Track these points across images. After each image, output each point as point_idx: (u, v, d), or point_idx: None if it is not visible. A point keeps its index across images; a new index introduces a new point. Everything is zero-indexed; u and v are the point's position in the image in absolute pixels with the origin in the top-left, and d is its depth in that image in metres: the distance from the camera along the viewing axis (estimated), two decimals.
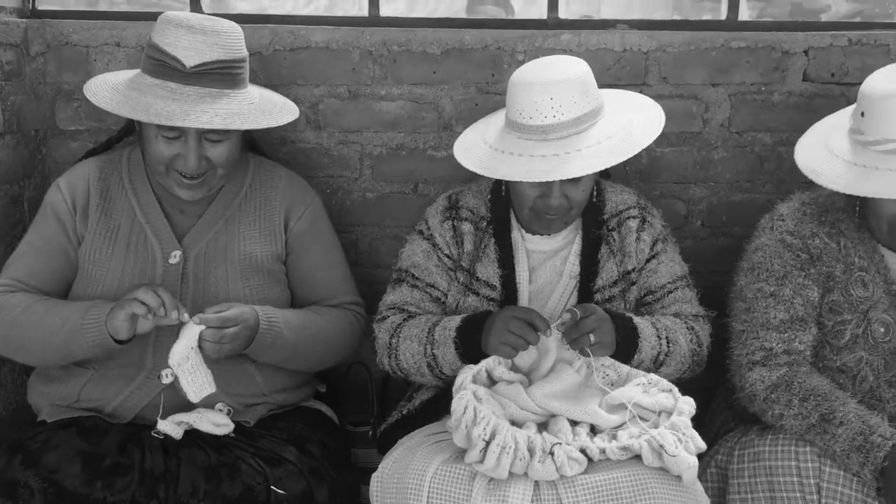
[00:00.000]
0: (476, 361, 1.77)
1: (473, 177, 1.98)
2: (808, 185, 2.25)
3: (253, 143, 2.12)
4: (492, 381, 1.78)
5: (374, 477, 1.74)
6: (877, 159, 1.67)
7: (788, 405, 1.71)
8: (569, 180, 1.79)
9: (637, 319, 1.83)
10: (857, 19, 2.53)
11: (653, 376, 1.76)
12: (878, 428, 1.61)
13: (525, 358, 1.80)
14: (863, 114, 1.69)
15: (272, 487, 1.69)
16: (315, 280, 2.02)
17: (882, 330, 1.77)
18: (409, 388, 2.09)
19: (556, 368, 1.79)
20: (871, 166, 1.67)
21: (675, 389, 1.72)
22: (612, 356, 1.78)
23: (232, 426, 1.81)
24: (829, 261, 1.81)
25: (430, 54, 2.21)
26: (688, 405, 1.68)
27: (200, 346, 1.73)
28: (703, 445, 1.62)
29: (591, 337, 1.71)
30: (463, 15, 2.66)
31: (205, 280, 1.90)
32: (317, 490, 1.74)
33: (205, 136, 1.81)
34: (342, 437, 2.08)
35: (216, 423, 1.80)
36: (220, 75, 1.81)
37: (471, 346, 1.79)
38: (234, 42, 1.84)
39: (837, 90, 2.21)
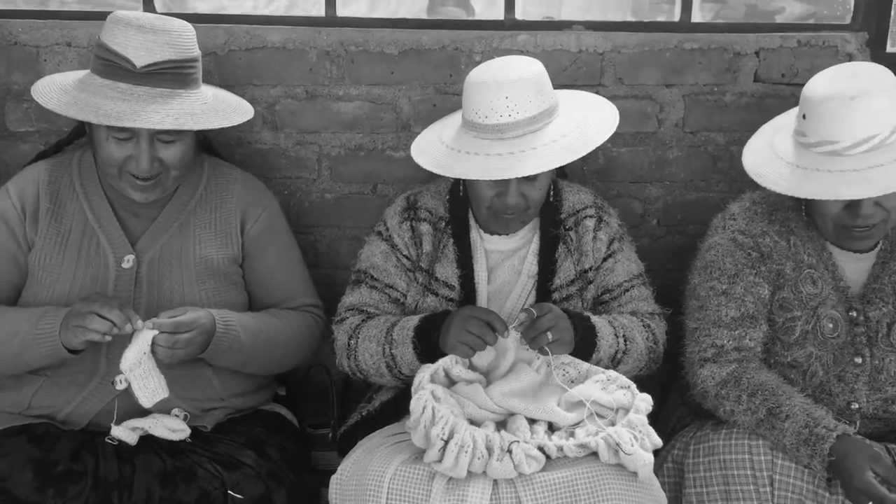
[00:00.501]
0: (434, 361, 1.78)
1: (432, 177, 1.99)
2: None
3: (208, 145, 2.10)
4: (451, 381, 1.79)
5: (334, 479, 1.73)
6: (817, 161, 1.70)
7: (738, 401, 1.74)
8: (525, 179, 1.80)
9: (595, 318, 1.85)
10: (812, 21, 2.59)
11: (611, 373, 1.78)
12: (823, 420, 1.65)
13: (483, 358, 1.81)
14: (804, 116, 1.73)
15: (230, 492, 1.68)
16: (272, 282, 2.01)
17: (830, 326, 1.81)
18: (369, 389, 2.08)
19: (514, 368, 1.80)
20: (812, 168, 1.71)
21: (634, 386, 1.75)
22: (570, 354, 1.80)
23: (188, 431, 1.79)
24: (780, 259, 1.85)
25: (387, 55, 2.21)
26: (644, 402, 1.70)
27: (154, 351, 1.71)
28: (658, 442, 1.64)
29: (549, 335, 1.72)
30: (424, 16, 2.66)
31: (159, 284, 1.88)
32: (275, 494, 1.73)
33: (157, 136, 1.79)
34: (302, 440, 2.07)
35: (172, 428, 1.78)
36: (171, 75, 1.79)
37: (429, 345, 1.79)
38: (185, 41, 1.81)
39: (788, 91, 2.25)
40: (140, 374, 1.69)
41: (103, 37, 1.80)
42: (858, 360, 1.80)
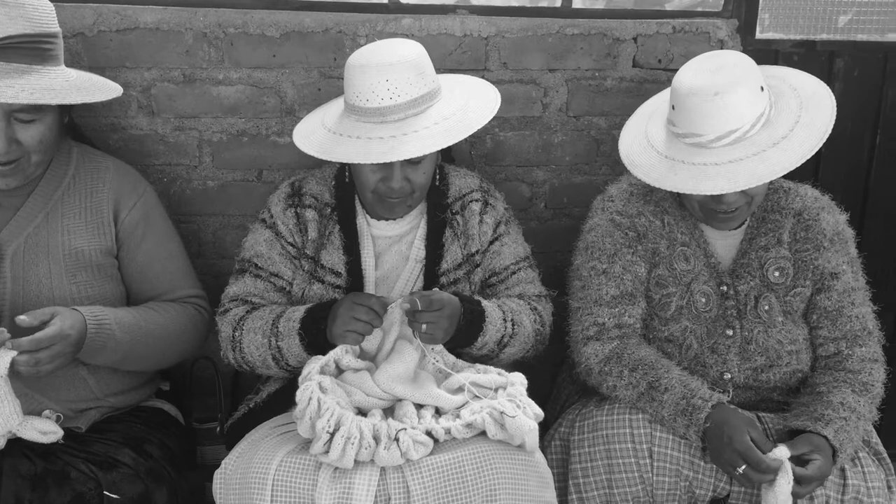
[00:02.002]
0: (321, 351, 1.75)
1: (319, 163, 1.96)
2: None
3: (77, 131, 1.99)
4: (339, 370, 1.77)
5: (217, 473, 1.69)
6: (685, 152, 1.77)
7: (620, 376, 1.80)
8: (410, 163, 1.79)
9: (485, 303, 1.86)
10: (699, 8, 2.66)
11: (479, 366, 1.81)
12: (699, 391, 1.72)
13: (371, 341, 1.79)
14: (673, 107, 1.79)
15: (105, 493, 1.61)
16: (151, 274, 1.93)
17: (703, 300, 1.89)
18: (258, 380, 2.04)
19: (397, 347, 1.80)
20: (679, 160, 1.76)
21: (503, 371, 1.78)
22: (456, 338, 1.80)
23: (61, 433, 1.70)
24: (655, 238, 1.91)
25: (268, 37, 2.15)
26: (519, 378, 1.73)
27: (16, 371, 1.59)
28: (540, 412, 1.67)
29: (423, 327, 1.73)
30: None
31: (24, 279, 1.77)
32: (155, 492, 1.67)
33: (14, 115, 1.67)
34: (186, 436, 2.01)
35: (42, 430, 1.68)
36: (27, 49, 1.67)
37: (315, 336, 1.76)
38: (41, 16, 1.70)
39: (664, 76, 2.32)
40: None
41: None
42: (729, 332, 1.88)
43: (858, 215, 2.60)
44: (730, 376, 1.88)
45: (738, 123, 1.71)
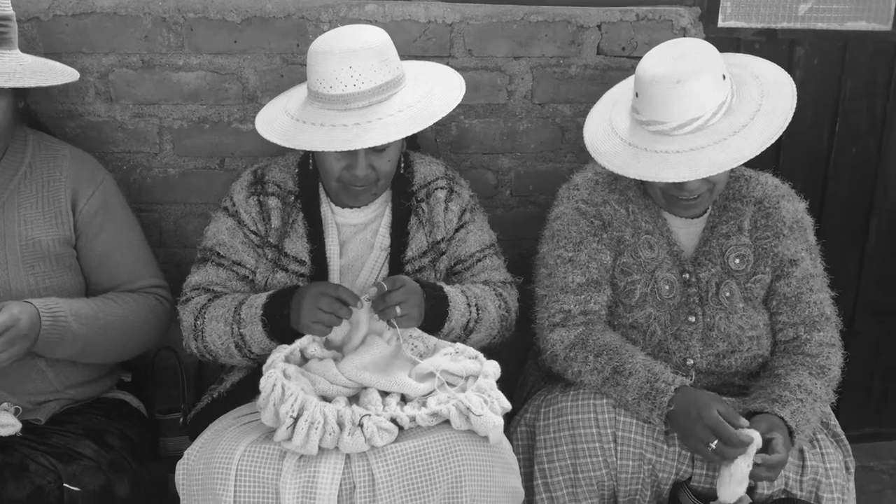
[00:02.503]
0: (284, 338, 1.74)
1: (283, 151, 1.93)
2: None
3: (33, 118, 1.94)
4: (304, 359, 1.76)
5: (180, 464, 1.67)
6: (648, 139, 1.78)
7: (585, 362, 1.81)
8: (374, 151, 1.78)
9: (447, 288, 1.86)
10: None
11: (459, 345, 1.80)
12: (662, 375, 1.74)
13: (338, 333, 1.78)
14: (637, 94, 1.80)
15: (65, 485, 1.58)
16: (110, 263, 1.89)
17: (667, 287, 1.91)
18: (222, 370, 2.02)
19: (367, 341, 1.79)
20: (642, 147, 1.78)
21: (481, 356, 1.77)
22: (422, 325, 1.80)
23: (19, 426, 1.68)
24: (619, 226, 1.93)
25: (229, 22, 2.12)
26: (493, 368, 1.73)
27: None
28: (507, 405, 1.68)
29: (398, 309, 1.72)
30: None
31: None
32: (117, 484, 1.65)
33: None
34: (149, 427, 1.98)
35: (0, 423, 1.65)
36: None
37: (278, 323, 1.75)
38: None
39: (629, 63, 2.33)
40: None
41: None
42: (692, 318, 1.90)
43: (818, 203, 2.64)
44: (692, 362, 1.90)
45: (700, 111, 1.72)
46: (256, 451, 1.58)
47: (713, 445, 1.65)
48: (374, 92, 1.74)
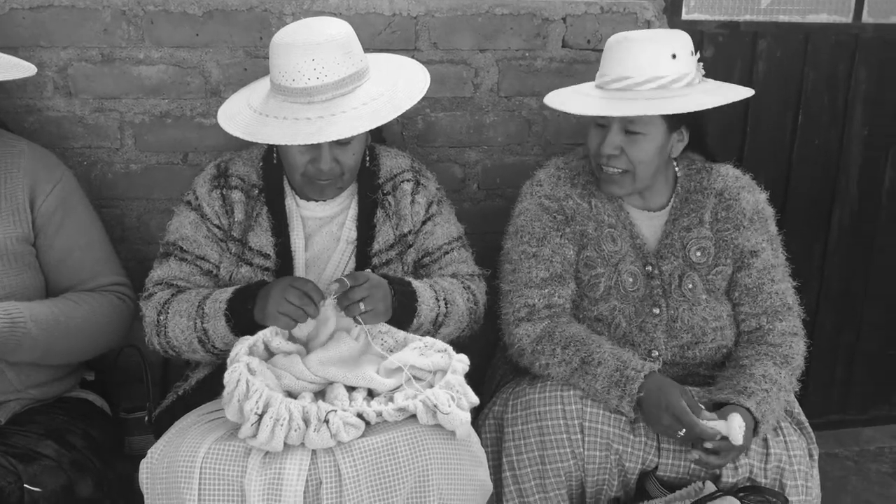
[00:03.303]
0: (249, 334, 1.72)
1: (247, 145, 1.92)
2: (571, 146, 2.40)
3: None
4: (269, 353, 1.74)
5: (144, 463, 1.64)
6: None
7: (553, 354, 1.81)
8: (339, 144, 1.77)
9: (416, 283, 1.85)
10: None
11: (428, 339, 1.78)
12: (631, 362, 1.75)
13: (303, 329, 1.77)
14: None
15: (26, 486, 1.56)
16: (71, 262, 1.86)
17: (630, 280, 1.92)
18: (187, 367, 2.00)
19: (335, 337, 1.78)
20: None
21: (450, 349, 1.76)
22: (392, 321, 1.79)
23: None
24: (582, 220, 1.94)
25: (190, 15, 2.09)
26: (461, 363, 1.72)
27: None
28: (475, 401, 1.67)
29: (361, 305, 1.71)
30: None
31: None
32: (79, 483, 1.63)
33: None
34: (113, 426, 1.95)
35: None
36: None
37: (243, 318, 1.73)
38: None
39: (593, 56, 2.34)
40: None
41: None
42: (656, 310, 1.92)
43: (781, 194, 2.67)
44: (657, 353, 1.92)
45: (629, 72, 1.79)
46: (221, 448, 1.56)
47: (681, 433, 1.67)
48: (337, 85, 1.72)
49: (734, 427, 1.67)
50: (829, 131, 2.66)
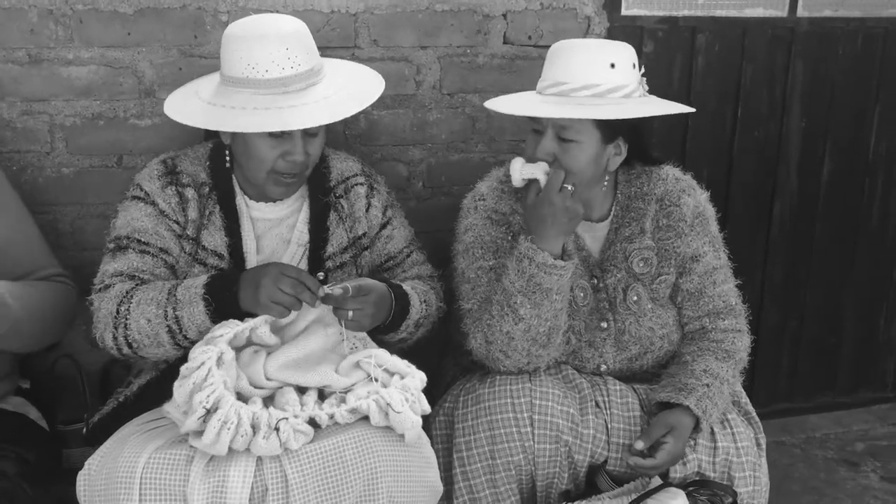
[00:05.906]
0: (229, 319, 1.66)
1: (184, 146, 1.88)
2: (515, 143, 2.39)
3: None
4: (248, 342, 1.69)
5: (81, 476, 1.58)
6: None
7: (490, 325, 1.79)
8: (309, 135, 1.76)
9: (406, 287, 1.85)
10: None
11: (397, 360, 1.74)
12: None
13: (289, 317, 1.71)
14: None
15: None
16: (11, 255, 1.81)
17: (581, 295, 1.91)
18: (129, 373, 1.93)
19: (310, 329, 1.74)
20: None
21: (413, 368, 1.72)
22: (387, 325, 1.78)
23: None
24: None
25: (121, 14, 2.03)
26: (420, 374, 1.69)
27: None
28: (428, 409, 1.64)
29: (350, 314, 1.68)
30: None
31: None
32: None
33: None
34: (50, 442, 1.88)
35: None
36: None
37: (225, 301, 1.65)
38: None
39: (535, 52, 2.34)
40: None
41: None
42: (604, 324, 1.92)
43: (723, 188, 2.71)
44: (605, 367, 1.92)
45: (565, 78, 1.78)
46: (162, 457, 1.51)
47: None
48: (309, 74, 1.74)
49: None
50: (768, 124, 2.71)
